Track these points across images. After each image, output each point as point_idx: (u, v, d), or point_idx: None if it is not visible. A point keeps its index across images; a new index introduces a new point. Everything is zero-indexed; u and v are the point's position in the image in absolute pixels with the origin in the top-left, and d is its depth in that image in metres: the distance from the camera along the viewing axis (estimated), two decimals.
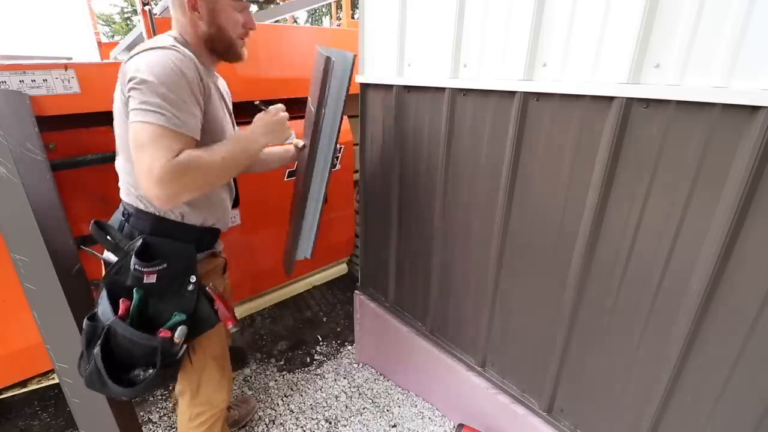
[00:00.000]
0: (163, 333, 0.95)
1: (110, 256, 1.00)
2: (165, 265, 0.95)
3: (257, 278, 1.97)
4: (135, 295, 0.95)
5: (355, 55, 1.07)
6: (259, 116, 1.05)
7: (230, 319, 1.07)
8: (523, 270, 1.22)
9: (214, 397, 1.17)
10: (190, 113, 0.87)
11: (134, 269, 0.93)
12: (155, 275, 0.94)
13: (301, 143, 1.28)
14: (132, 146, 0.85)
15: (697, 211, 0.85)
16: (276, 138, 1.04)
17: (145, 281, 0.94)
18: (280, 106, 1.08)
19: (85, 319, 0.96)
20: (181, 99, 0.85)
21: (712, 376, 0.91)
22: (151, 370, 0.95)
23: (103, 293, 0.97)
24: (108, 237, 0.99)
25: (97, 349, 0.92)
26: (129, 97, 0.84)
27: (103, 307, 0.96)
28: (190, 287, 0.99)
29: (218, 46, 1.00)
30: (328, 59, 1.00)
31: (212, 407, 1.18)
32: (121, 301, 0.95)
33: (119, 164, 1.00)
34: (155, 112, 0.82)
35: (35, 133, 1.21)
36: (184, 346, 0.99)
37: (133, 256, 0.93)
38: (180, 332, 0.96)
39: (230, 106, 1.16)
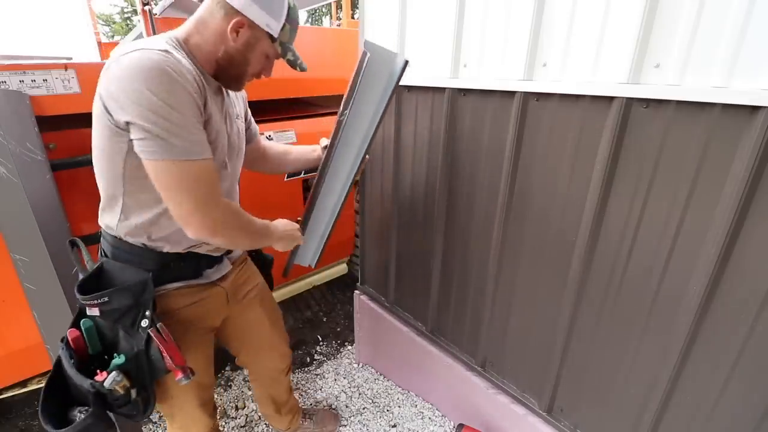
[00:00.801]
0: (100, 375, 0.83)
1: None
2: (106, 299, 0.83)
3: None
4: (82, 327, 0.87)
5: (407, 62, 0.96)
6: (287, 222, 1.10)
7: (177, 370, 0.87)
8: (523, 270, 1.22)
9: (191, 426, 1.13)
10: (200, 131, 0.80)
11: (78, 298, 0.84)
12: (97, 308, 0.84)
13: (325, 142, 1.21)
14: (163, 188, 0.78)
15: (697, 211, 0.85)
16: (280, 246, 1.08)
17: (88, 313, 0.85)
18: (298, 228, 1.13)
19: (60, 342, 0.89)
20: (189, 119, 0.77)
21: (712, 376, 0.91)
22: (83, 414, 0.83)
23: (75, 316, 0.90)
24: (74, 257, 0.93)
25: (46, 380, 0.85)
26: (128, 123, 0.73)
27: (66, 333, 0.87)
28: (144, 323, 0.86)
29: (230, 72, 0.91)
30: (364, 54, 0.93)
31: None
32: (69, 331, 0.85)
33: (97, 176, 0.87)
34: (173, 145, 0.74)
35: (35, 133, 1.21)
36: (133, 393, 0.86)
37: (75, 285, 0.84)
38: (111, 379, 0.81)
39: (239, 113, 1.07)
